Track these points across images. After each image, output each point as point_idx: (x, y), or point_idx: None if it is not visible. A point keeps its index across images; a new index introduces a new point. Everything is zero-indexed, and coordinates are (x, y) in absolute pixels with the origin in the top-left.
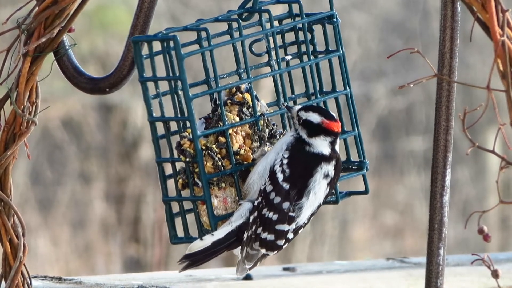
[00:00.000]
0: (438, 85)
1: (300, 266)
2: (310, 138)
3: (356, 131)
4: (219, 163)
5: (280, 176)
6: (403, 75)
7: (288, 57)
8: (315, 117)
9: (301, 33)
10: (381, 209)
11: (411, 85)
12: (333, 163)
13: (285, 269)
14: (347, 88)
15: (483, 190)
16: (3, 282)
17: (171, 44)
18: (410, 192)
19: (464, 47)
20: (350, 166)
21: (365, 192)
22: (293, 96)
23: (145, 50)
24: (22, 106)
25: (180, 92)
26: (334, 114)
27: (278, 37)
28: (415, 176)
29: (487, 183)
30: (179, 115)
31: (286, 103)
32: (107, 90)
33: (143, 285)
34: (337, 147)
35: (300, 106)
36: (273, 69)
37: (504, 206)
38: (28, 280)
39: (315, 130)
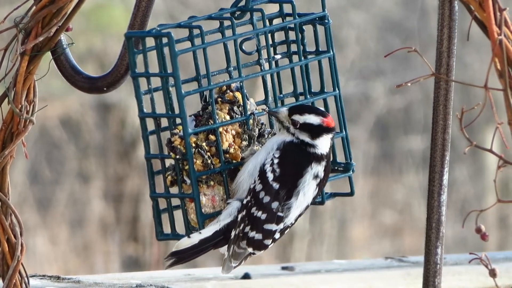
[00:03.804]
0: (436, 84)
1: (299, 265)
2: (314, 140)
3: (344, 133)
4: (209, 161)
5: (270, 176)
6: (401, 74)
7: (277, 57)
8: (313, 119)
9: (291, 33)
10: (379, 208)
11: (409, 84)
12: (323, 163)
13: (284, 268)
14: (336, 89)
15: (481, 189)
16: (0, 282)
17: (164, 40)
18: (408, 191)
19: (461, 46)
20: (336, 168)
21: (351, 193)
22: (281, 95)
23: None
24: (20, 105)
25: (171, 89)
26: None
27: (268, 36)
28: (414, 175)
29: (485, 182)
30: (170, 112)
31: (267, 109)
32: (105, 89)
33: (141, 284)
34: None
35: (286, 109)
36: (262, 68)
37: (502, 205)
38: (26, 279)
39: (317, 131)
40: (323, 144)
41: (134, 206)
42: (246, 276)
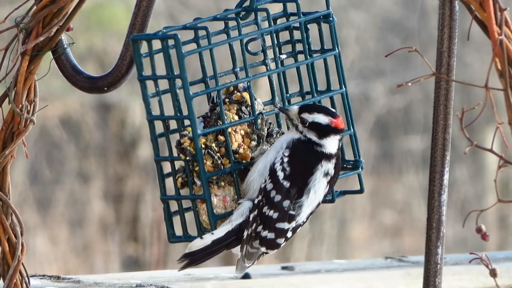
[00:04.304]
0: (436, 84)
1: (299, 265)
2: (321, 139)
3: (352, 130)
4: (219, 161)
5: (280, 174)
6: (401, 74)
7: (283, 56)
8: (322, 118)
9: (296, 32)
10: (379, 208)
11: (409, 84)
12: (333, 161)
13: (284, 268)
14: (343, 87)
15: (482, 189)
16: (1, 281)
17: (170, 42)
18: (408, 191)
19: (462, 46)
20: (345, 165)
21: (360, 191)
22: (288, 95)
23: (143, 49)
24: (20, 105)
25: (179, 91)
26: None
27: (273, 36)
28: (414, 175)
29: (486, 182)
30: (178, 114)
31: (278, 105)
32: (106, 89)
33: (141, 284)
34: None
35: (297, 107)
36: (268, 68)
37: (503, 205)
38: (26, 279)
39: (324, 131)
40: (330, 144)
41: (134, 206)
42: (246, 276)
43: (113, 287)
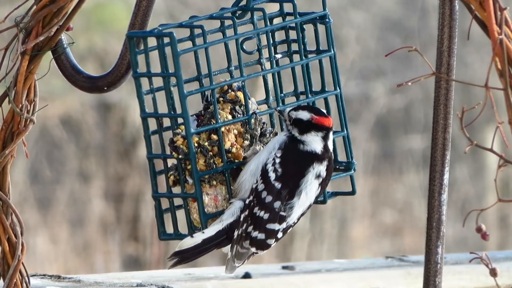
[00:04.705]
0: (436, 84)
1: (299, 264)
2: (302, 135)
3: (345, 132)
4: (211, 160)
5: (272, 175)
6: (401, 73)
7: (278, 56)
8: (304, 114)
9: (291, 32)
10: (380, 208)
11: (409, 84)
12: (325, 163)
13: (284, 267)
14: (337, 88)
15: (482, 189)
16: (1, 281)
17: (165, 40)
18: (408, 191)
19: (462, 45)
20: (338, 167)
21: (352, 192)
22: (282, 95)
23: (141, 46)
24: (20, 105)
25: (173, 89)
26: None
27: (269, 36)
28: (414, 174)
29: (486, 181)
30: (172, 112)
31: (278, 108)
32: (106, 88)
33: (142, 284)
34: (330, 144)
35: (291, 108)
36: (263, 67)
37: (503, 204)
38: (27, 278)
39: (305, 126)
40: (311, 141)
41: (134, 206)
42: (246, 276)
43: (113, 287)
